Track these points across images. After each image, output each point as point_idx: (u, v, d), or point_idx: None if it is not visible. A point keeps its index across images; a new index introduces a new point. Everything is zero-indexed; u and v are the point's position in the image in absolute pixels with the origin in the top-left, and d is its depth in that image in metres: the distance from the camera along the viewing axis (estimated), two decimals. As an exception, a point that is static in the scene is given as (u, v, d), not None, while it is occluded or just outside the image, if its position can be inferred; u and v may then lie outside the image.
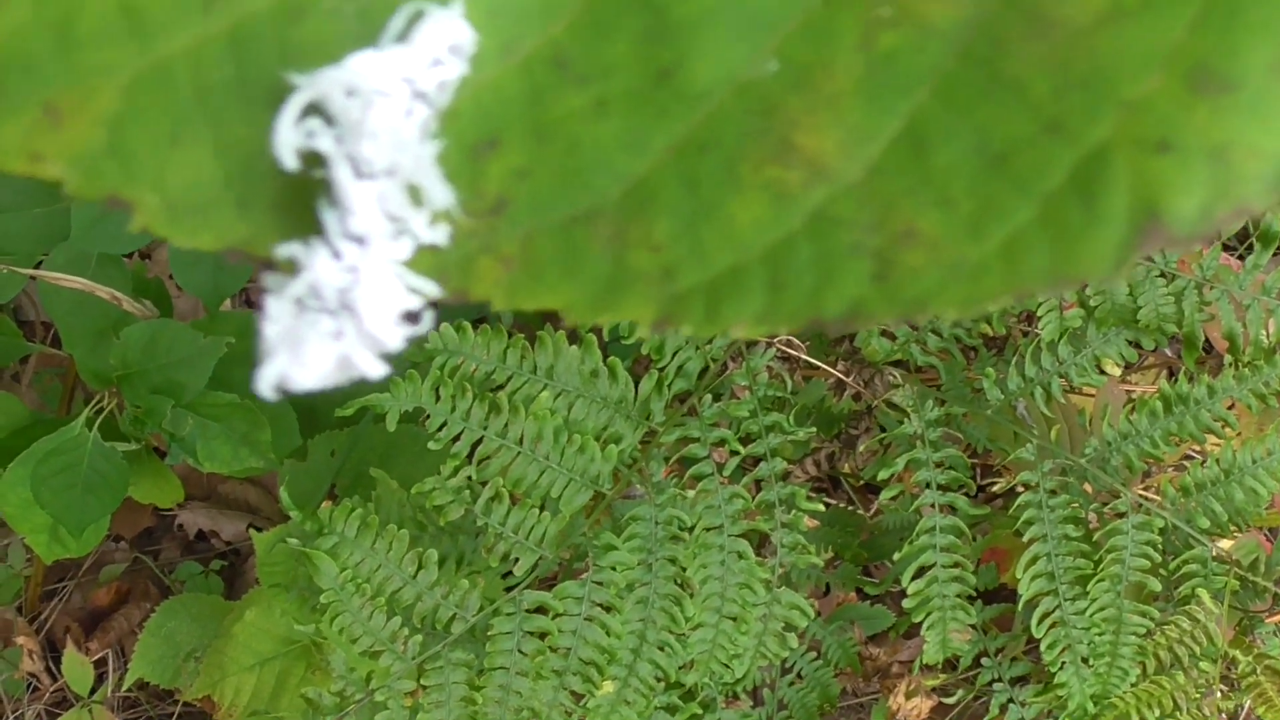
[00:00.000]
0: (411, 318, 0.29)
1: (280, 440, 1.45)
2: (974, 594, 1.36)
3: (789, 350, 1.33)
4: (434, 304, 0.29)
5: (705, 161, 0.29)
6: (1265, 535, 1.80)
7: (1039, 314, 1.33)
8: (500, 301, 0.29)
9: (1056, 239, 0.27)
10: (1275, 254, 1.33)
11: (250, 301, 2.02)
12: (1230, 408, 1.32)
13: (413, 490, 1.20)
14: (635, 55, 0.29)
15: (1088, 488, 1.38)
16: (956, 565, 1.32)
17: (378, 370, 0.29)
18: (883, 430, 1.41)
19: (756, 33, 0.29)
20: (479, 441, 1.17)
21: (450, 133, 0.29)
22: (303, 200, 0.29)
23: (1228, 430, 1.33)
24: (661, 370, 1.24)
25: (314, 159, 0.28)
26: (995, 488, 1.43)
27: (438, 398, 1.16)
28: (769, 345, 1.28)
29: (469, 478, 1.18)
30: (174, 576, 2.01)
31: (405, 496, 1.32)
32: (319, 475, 1.60)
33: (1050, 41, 0.28)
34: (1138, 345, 1.34)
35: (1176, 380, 1.34)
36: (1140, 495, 1.36)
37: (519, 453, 1.17)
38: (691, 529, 1.24)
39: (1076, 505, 1.34)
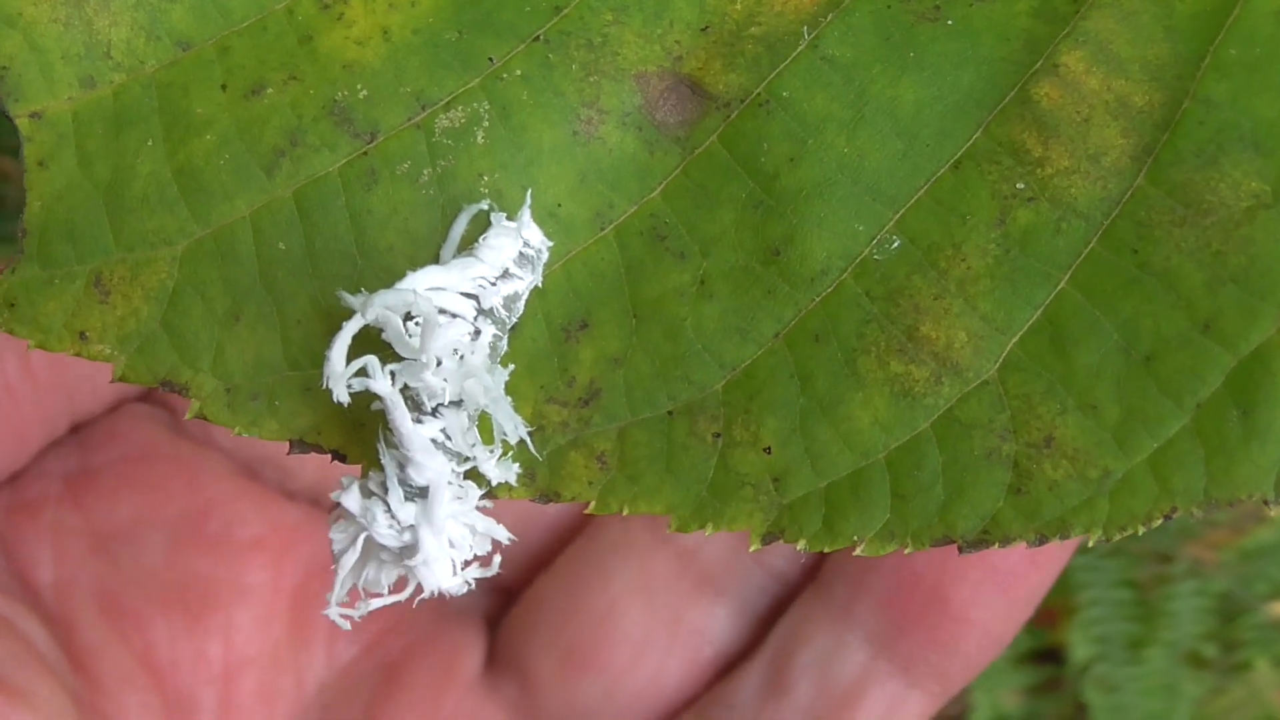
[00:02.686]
0: (483, 560, 0.26)
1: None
2: (1024, 656, 1.34)
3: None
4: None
5: (820, 352, 0.26)
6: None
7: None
8: (596, 505, 0.26)
9: (1212, 454, 0.25)
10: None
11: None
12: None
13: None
14: (741, 227, 0.27)
15: (1143, 550, 1.36)
16: (1008, 628, 1.31)
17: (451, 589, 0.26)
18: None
19: (877, 205, 0.26)
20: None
21: (537, 312, 0.27)
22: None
23: (1289, 493, 1.31)
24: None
25: (372, 397, 0.25)
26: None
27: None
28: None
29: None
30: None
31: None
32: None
33: (1202, 228, 0.25)
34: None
35: None
36: (1196, 557, 1.34)
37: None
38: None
39: (1131, 568, 1.33)
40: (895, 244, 0.26)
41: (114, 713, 0.43)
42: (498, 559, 0.26)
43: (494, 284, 0.26)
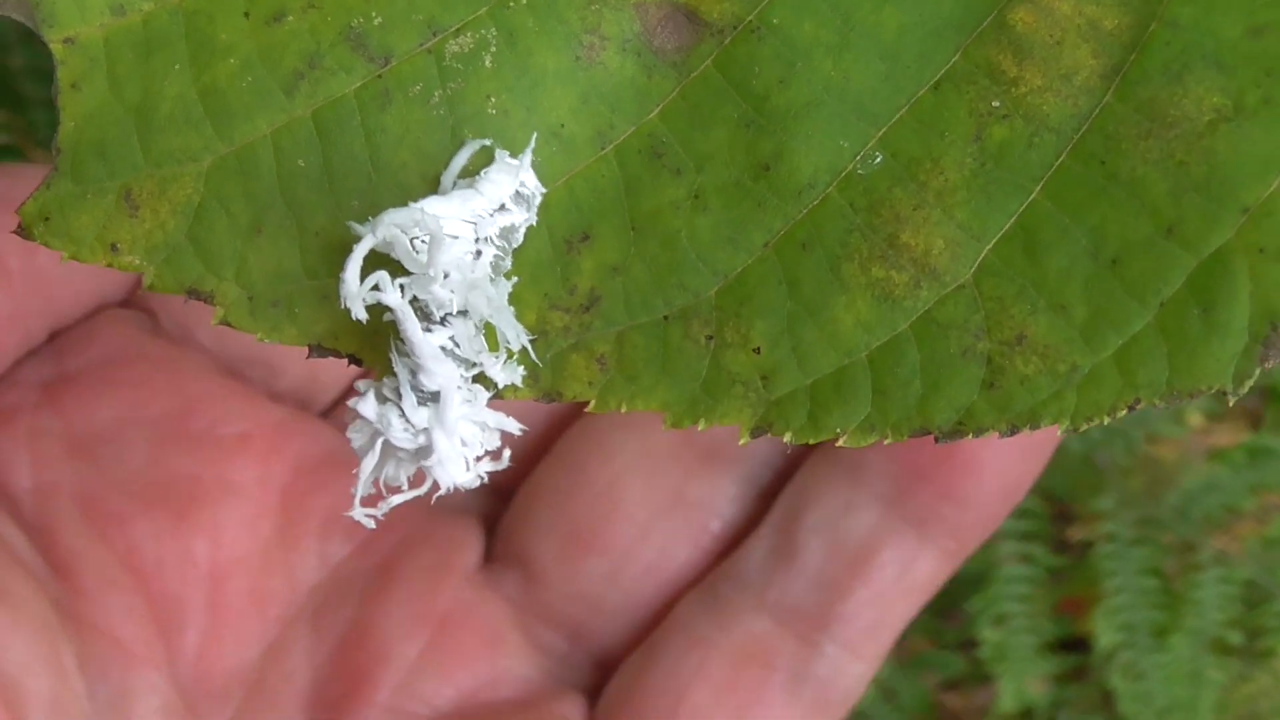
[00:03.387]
0: (493, 455, 0.28)
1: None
2: (1050, 645, 1.35)
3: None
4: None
5: (807, 259, 0.28)
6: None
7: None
8: (596, 404, 0.28)
9: (1175, 349, 0.26)
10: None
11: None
12: (1313, 458, 1.31)
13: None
14: (733, 145, 0.28)
15: (1168, 539, 1.36)
16: (1033, 615, 1.31)
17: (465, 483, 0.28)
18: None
19: (861, 123, 0.28)
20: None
21: (541, 225, 0.28)
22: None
23: (1313, 481, 1.32)
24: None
25: (384, 309, 0.27)
26: (1074, 537, 1.42)
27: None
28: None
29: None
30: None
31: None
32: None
33: (1166, 140, 0.27)
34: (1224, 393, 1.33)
35: (1259, 431, 1.32)
36: (1221, 547, 1.34)
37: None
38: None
39: (1156, 557, 1.33)
40: (878, 159, 0.28)
41: (97, 616, 0.42)
42: (507, 452, 0.28)
43: (491, 216, 0.27)
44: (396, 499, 0.28)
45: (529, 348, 0.28)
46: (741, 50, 0.29)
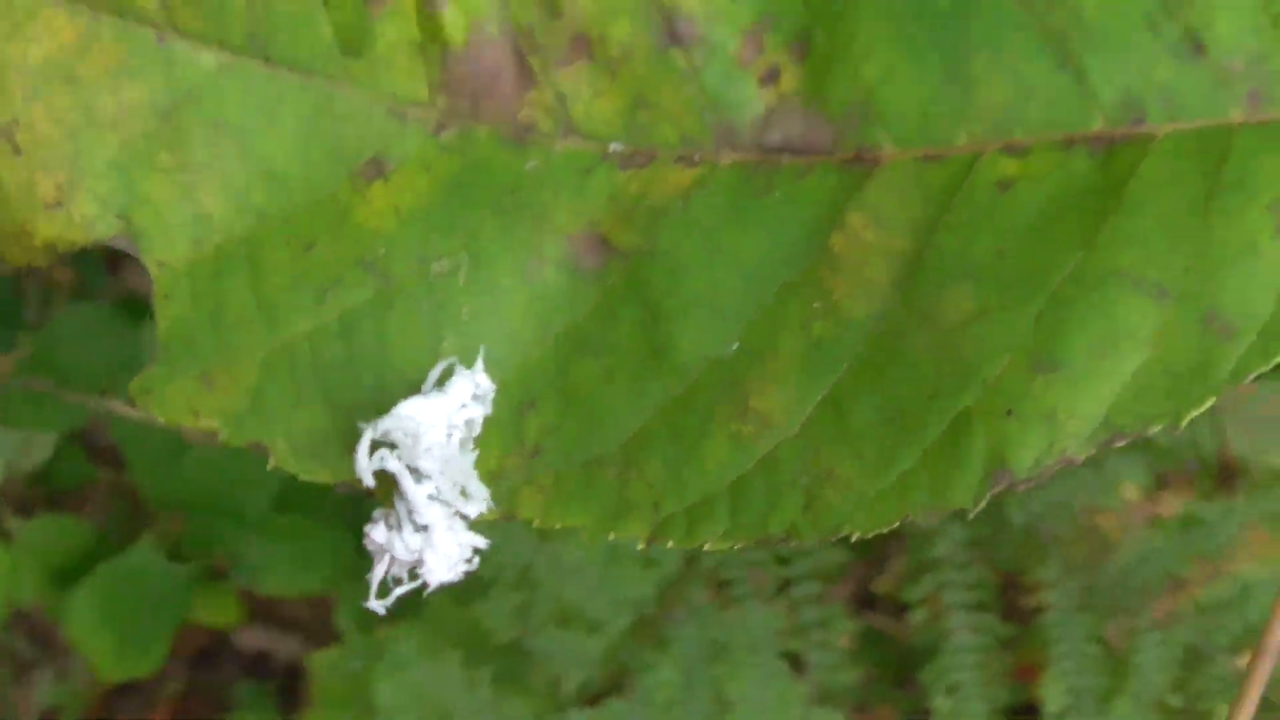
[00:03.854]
0: (469, 560, 0.39)
1: (338, 561, 1.54)
2: (1002, 711, 1.42)
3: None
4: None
5: (685, 419, 0.40)
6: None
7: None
8: (538, 521, 0.40)
9: (934, 479, 0.38)
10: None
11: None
12: (1248, 527, 1.39)
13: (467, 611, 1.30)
14: (634, 336, 0.40)
15: (1110, 606, 1.44)
16: (985, 683, 1.39)
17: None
18: (914, 551, 1.50)
19: (725, 322, 0.40)
20: (529, 566, 1.27)
21: (500, 396, 0.40)
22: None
23: (1245, 549, 1.39)
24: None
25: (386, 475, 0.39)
26: (1025, 606, 1.50)
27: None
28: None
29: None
30: (231, 696, 2.08)
31: (458, 615, 1.42)
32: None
33: (934, 333, 0.38)
34: (1172, 457, 1.42)
35: (1197, 500, 1.40)
36: (1161, 613, 1.42)
37: (566, 576, 1.27)
38: (731, 649, 1.33)
39: (1099, 623, 1.41)
40: (735, 347, 0.40)
41: None
42: (477, 559, 0.39)
43: (457, 411, 0.39)
44: (399, 591, 0.40)
45: (487, 499, 0.40)
46: (641, 267, 0.40)
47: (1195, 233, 0.37)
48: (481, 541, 0.39)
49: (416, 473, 0.39)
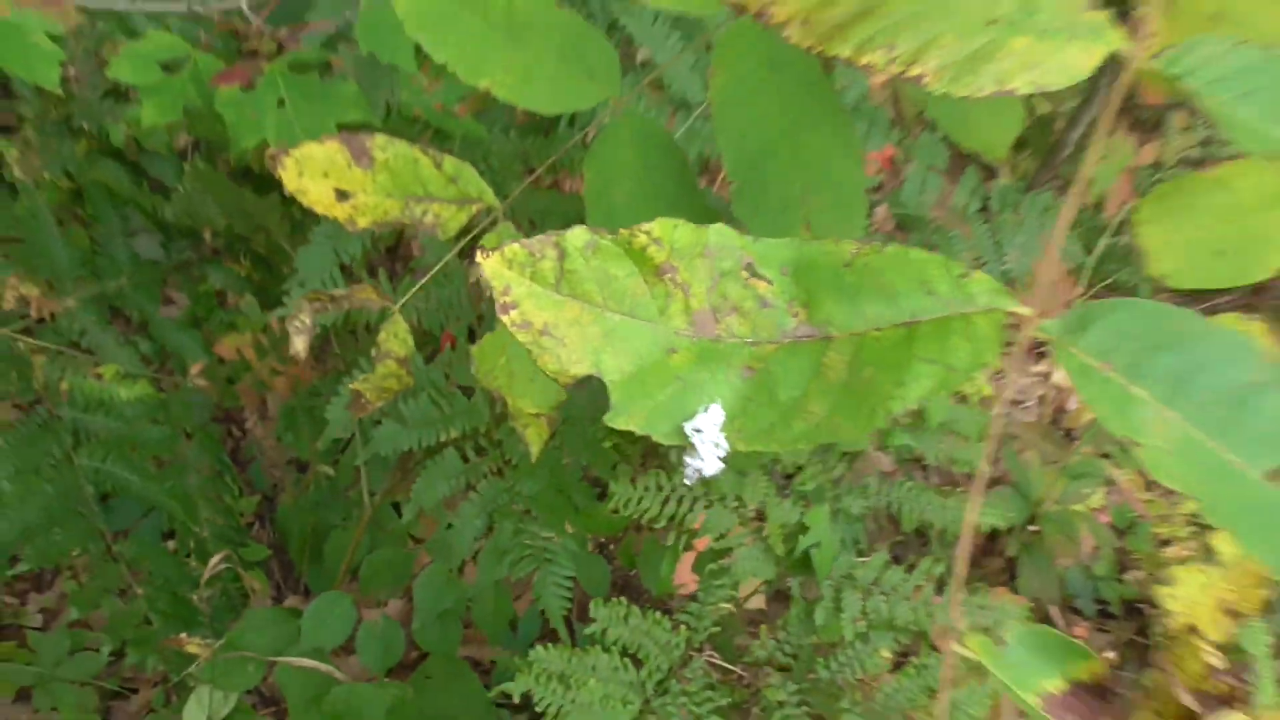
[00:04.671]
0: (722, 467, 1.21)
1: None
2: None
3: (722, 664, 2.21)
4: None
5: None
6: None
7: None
8: (745, 447, 1.21)
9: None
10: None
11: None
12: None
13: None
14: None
15: None
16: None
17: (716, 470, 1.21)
18: None
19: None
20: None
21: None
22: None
23: None
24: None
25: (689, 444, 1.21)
26: None
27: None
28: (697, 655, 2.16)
29: None
30: None
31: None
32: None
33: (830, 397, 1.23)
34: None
35: None
36: None
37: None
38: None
39: None
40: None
41: None
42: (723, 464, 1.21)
43: (712, 425, 1.21)
44: (695, 476, 1.21)
45: (727, 448, 1.21)
46: (763, 373, 1.24)
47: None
48: (722, 466, 1.20)
49: (699, 445, 1.20)
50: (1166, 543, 2.89)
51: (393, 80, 2.47)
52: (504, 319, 1.19)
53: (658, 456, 2.42)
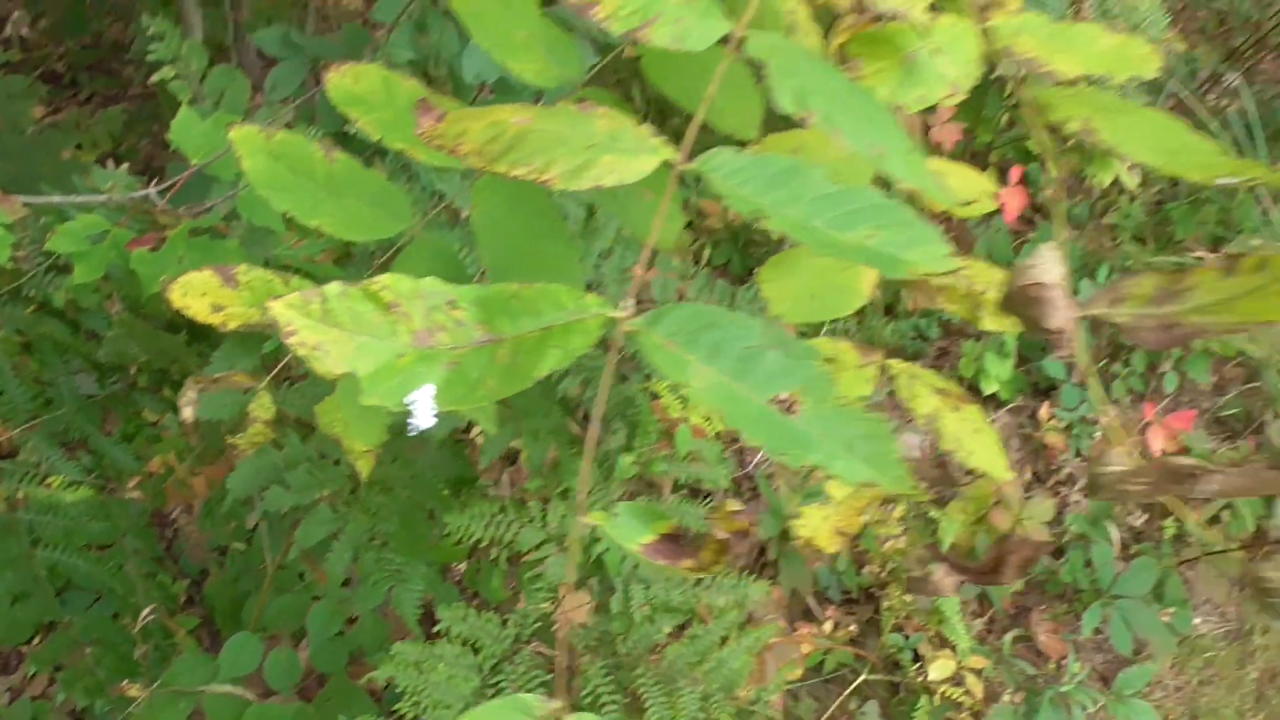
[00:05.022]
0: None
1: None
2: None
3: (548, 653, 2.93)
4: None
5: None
6: None
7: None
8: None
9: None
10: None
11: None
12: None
13: None
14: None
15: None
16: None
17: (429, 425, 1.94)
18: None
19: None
20: None
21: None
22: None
23: None
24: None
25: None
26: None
27: None
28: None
29: None
30: None
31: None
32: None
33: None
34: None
35: None
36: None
37: None
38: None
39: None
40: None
41: None
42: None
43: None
44: (415, 430, 1.93)
45: (436, 410, 1.94)
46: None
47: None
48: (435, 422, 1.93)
49: (417, 404, 1.93)
50: (885, 540, 3.82)
51: (271, 241, 3.25)
52: (288, 342, 1.93)
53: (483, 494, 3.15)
